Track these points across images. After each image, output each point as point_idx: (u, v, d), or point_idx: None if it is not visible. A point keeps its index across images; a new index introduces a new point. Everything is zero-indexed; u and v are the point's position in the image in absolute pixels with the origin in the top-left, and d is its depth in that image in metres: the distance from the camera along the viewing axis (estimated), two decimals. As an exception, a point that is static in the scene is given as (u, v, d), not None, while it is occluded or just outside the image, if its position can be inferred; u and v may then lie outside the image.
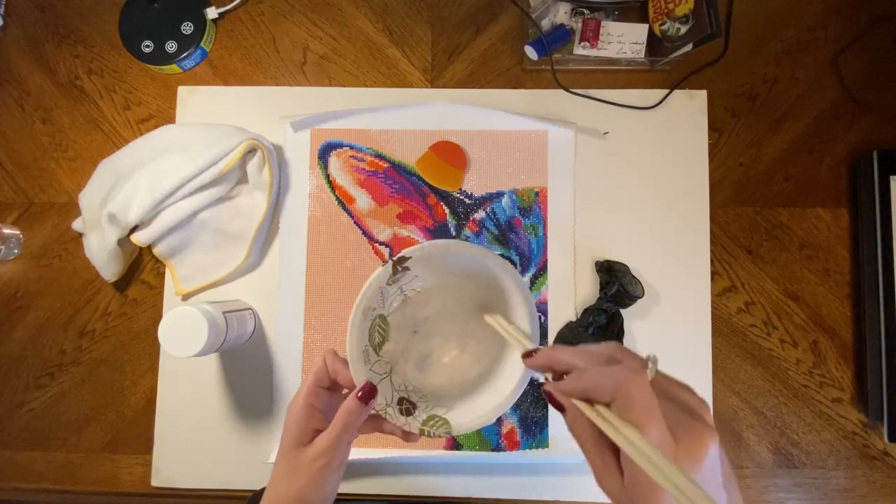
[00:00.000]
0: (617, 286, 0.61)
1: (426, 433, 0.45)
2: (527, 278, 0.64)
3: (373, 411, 0.43)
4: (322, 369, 0.44)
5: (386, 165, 0.66)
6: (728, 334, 0.64)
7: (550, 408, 0.63)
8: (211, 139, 0.62)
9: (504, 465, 0.63)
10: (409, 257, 0.44)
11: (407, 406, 0.46)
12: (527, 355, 0.39)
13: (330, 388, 0.45)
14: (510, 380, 0.47)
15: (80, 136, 0.69)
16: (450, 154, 0.66)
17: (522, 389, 0.47)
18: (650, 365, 0.34)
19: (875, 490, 0.62)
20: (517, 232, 0.65)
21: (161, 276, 0.66)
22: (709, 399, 0.62)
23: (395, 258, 0.44)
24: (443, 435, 0.45)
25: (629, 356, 0.34)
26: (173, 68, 0.69)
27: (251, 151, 0.63)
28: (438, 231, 0.65)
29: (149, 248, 0.65)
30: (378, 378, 0.45)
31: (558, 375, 0.36)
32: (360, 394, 0.41)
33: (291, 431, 0.41)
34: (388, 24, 0.69)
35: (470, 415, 0.46)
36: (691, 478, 0.26)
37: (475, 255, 0.45)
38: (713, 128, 0.66)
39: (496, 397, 0.47)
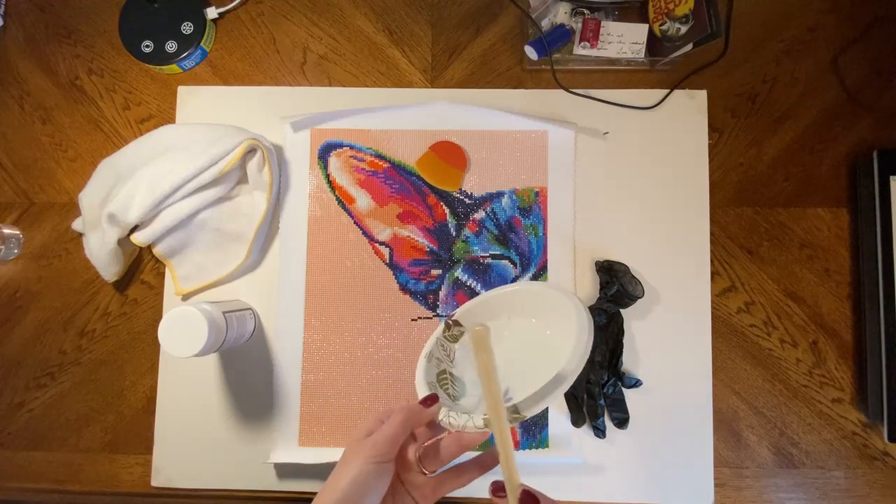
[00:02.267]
0: (617, 286, 0.61)
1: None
2: (527, 278, 0.64)
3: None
4: (417, 407, 0.44)
5: (386, 165, 0.66)
6: (728, 334, 0.64)
7: (550, 408, 0.63)
8: (211, 139, 0.62)
9: (504, 465, 0.62)
10: (455, 313, 0.54)
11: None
12: (526, 501, 0.38)
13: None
14: (563, 353, 0.45)
15: (80, 136, 0.69)
16: (450, 154, 0.66)
17: (583, 360, 0.44)
18: None
19: (875, 490, 0.62)
20: (517, 232, 0.65)
21: (161, 276, 0.66)
22: (709, 399, 0.62)
23: (447, 317, 0.54)
24: (511, 420, 0.42)
25: None
26: (173, 68, 0.69)
27: (251, 151, 0.63)
28: (438, 231, 0.65)
29: (149, 248, 0.65)
30: (457, 419, 0.44)
31: None
32: (421, 400, 0.44)
33: (358, 430, 0.43)
34: (388, 24, 0.69)
35: (534, 389, 0.44)
36: None
37: (506, 290, 0.54)
38: (713, 128, 0.66)
39: (553, 371, 0.44)
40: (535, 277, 0.64)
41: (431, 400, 0.43)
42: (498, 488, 0.40)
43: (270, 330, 0.65)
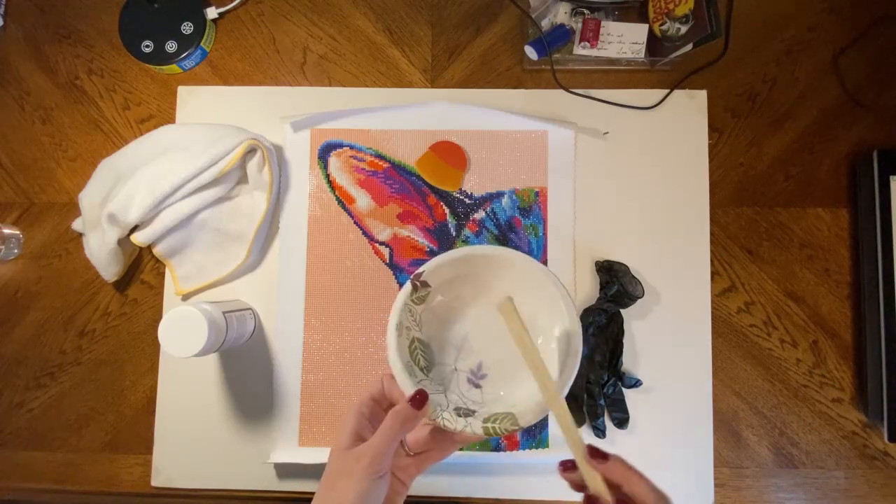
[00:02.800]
0: (617, 286, 0.61)
1: (491, 430, 0.43)
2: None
3: (428, 423, 0.42)
4: (378, 388, 0.43)
5: (386, 165, 0.66)
6: (728, 334, 0.64)
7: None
8: (211, 139, 0.62)
9: (504, 465, 0.63)
10: (423, 271, 0.46)
11: (465, 412, 0.44)
12: (595, 455, 0.37)
13: (385, 410, 0.43)
14: (551, 362, 0.45)
15: (80, 136, 0.69)
16: (450, 154, 0.66)
17: (575, 371, 0.44)
18: None
19: (875, 490, 0.62)
20: (517, 232, 0.65)
21: (161, 276, 0.66)
22: (709, 399, 0.63)
23: (412, 275, 0.46)
24: (510, 429, 0.43)
25: None
26: (173, 68, 0.69)
27: (251, 151, 0.63)
28: (438, 231, 0.65)
29: (149, 248, 0.65)
30: (431, 393, 0.43)
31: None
32: (410, 400, 0.40)
33: (340, 436, 0.40)
34: (388, 24, 0.69)
35: (533, 399, 0.43)
36: None
37: (481, 252, 0.47)
38: (713, 128, 0.66)
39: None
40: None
41: (421, 396, 0.41)
42: (567, 468, 0.39)
43: (270, 330, 0.65)
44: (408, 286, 0.46)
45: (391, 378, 0.44)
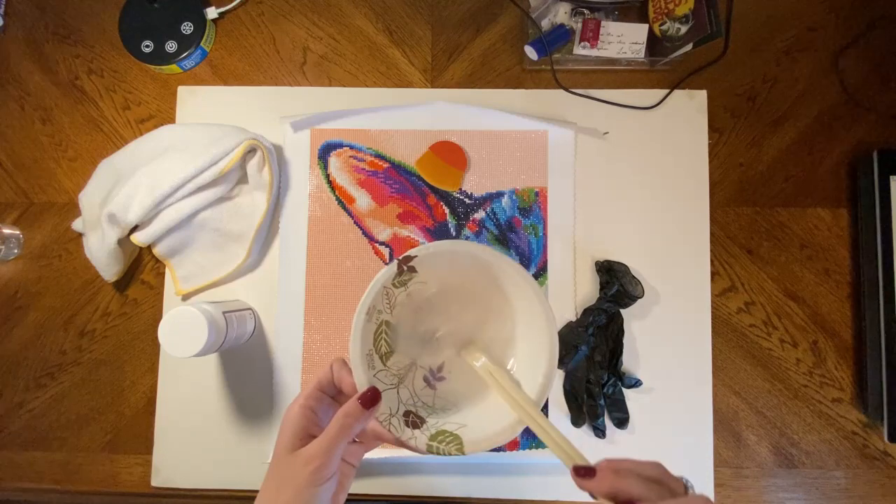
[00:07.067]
0: (617, 286, 0.61)
1: (435, 450, 0.41)
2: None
3: (375, 420, 0.41)
4: (327, 375, 0.42)
5: (386, 165, 0.66)
6: (728, 334, 0.64)
7: (550, 408, 0.63)
8: (211, 139, 0.62)
9: (504, 465, 0.63)
10: (415, 256, 0.42)
11: (414, 419, 0.43)
12: (582, 474, 0.35)
13: (334, 398, 0.42)
14: (527, 379, 0.44)
15: (80, 136, 0.69)
16: (450, 154, 0.66)
17: (540, 406, 0.44)
18: (690, 491, 0.34)
19: (875, 490, 0.62)
20: (517, 232, 0.65)
21: (161, 276, 0.66)
22: (709, 399, 0.63)
23: (400, 257, 0.42)
24: (453, 454, 0.41)
25: (674, 480, 0.34)
26: (173, 68, 0.69)
27: (251, 151, 0.63)
28: (438, 231, 0.65)
29: (149, 248, 0.65)
30: (384, 387, 0.42)
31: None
32: (360, 398, 0.38)
33: (285, 435, 0.38)
34: (388, 24, 0.69)
35: (484, 431, 0.43)
36: None
37: (483, 255, 0.43)
38: (713, 128, 0.66)
39: (509, 414, 0.43)
40: (535, 277, 0.64)
41: (373, 395, 0.38)
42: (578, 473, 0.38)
43: (270, 330, 0.65)
44: (392, 268, 0.42)
45: (341, 363, 0.42)
